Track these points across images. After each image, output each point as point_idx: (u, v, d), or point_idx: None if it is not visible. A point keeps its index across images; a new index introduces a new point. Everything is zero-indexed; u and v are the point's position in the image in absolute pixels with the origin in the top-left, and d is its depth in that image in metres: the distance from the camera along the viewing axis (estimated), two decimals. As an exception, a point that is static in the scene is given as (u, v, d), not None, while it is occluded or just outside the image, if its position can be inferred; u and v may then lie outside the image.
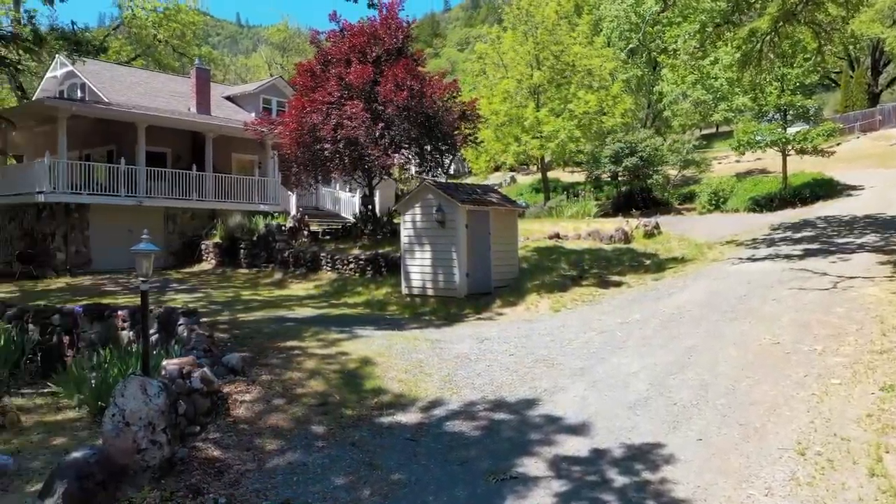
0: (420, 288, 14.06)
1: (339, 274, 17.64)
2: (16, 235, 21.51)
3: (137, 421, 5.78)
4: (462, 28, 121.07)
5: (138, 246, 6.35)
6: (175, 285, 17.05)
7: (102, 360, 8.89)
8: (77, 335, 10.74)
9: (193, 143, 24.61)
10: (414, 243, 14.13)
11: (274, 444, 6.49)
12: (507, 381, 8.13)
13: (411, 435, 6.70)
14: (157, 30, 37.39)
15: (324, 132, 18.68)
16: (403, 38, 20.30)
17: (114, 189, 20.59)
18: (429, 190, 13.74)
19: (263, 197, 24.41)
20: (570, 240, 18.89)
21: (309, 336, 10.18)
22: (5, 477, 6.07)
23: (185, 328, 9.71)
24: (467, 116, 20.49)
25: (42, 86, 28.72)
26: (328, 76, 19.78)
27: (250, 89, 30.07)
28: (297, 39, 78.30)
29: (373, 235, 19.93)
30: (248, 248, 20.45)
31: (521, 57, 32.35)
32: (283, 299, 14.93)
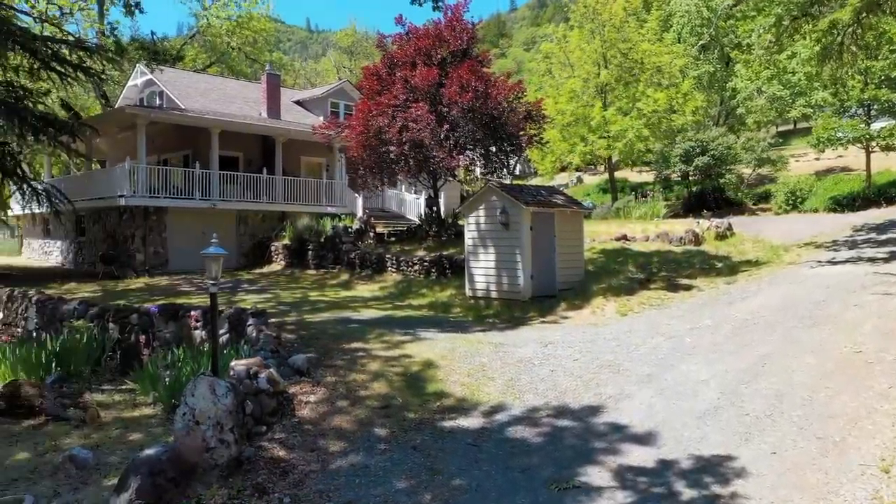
0: (484, 290, 14.02)
1: (403, 275, 17.77)
2: (99, 237, 22.58)
3: (206, 420, 5.94)
4: (528, 27, 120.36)
5: (207, 249, 6.53)
6: (246, 286, 17.53)
7: (176, 358, 9.21)
8: (153, 334, 11.17)
9: (264, 146, 25.28)
10: (478, 245, 14.09)
11: (337, 445, 6.56)
12: (570, 387, 7.99)
13: (473, 440, 6.66)
14: (231, 37, 38.60)
15: (389, 135, 18.87)
16: (468, 40, 20.31)
17: (189, 192, 21.35)
18: (493, 192, 13.68)
19: (331, 199, 24.86)
20: (637, 241, 18.49)
21: (373, 338, 10.27)
22: (85, 471, 6.35)
23: (254, 328, 9.95)
24: (533, 117, 20.35)
25: (124, 94, 30.07)
26: (394, 79, 19.98)
27: (318, 93, 30.67)
28: (364, 43, 79.48)
29: (437, 237, 20.01)
30: (315, 249, 20.85)
31: (587, 55, 31.90)
32: (349, 300, 15.14)
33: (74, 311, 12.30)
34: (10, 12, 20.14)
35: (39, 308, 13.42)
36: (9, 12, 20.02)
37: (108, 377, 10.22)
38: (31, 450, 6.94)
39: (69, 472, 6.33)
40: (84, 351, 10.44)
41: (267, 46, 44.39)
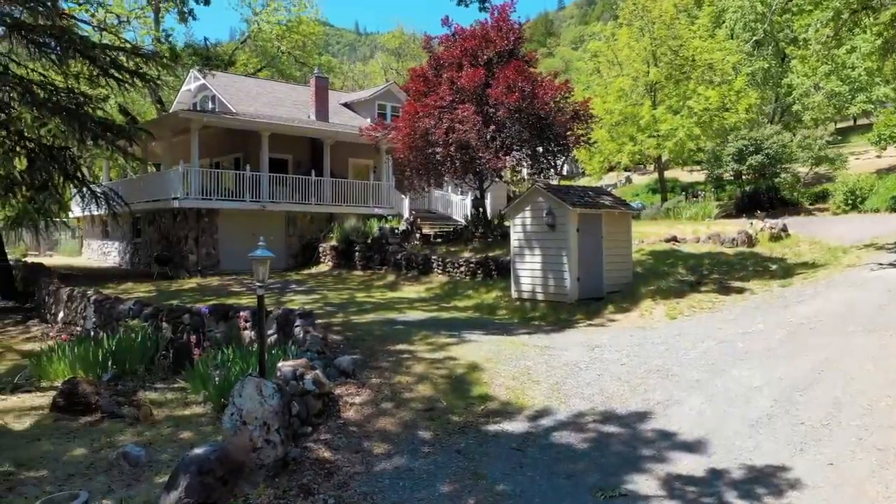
0: (530, 292, 13.91)
1: (449, 277, 17.78)
2: (154, 238, 23.23)
3: (254, 420, 6.03)
4: (576, 26, 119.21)
5: (255, 252, 6.63)
6: (294, 286, 17.79)
7: (226, 358, 9.37)
8: (204, 334, 11.40)
9: (313, 149, 25.64)
10: (524, 247, 14.00)
11: (382, 447, 6.59)
12: (617, 392, 7.86)
13: (517, 445, 6.60)
14: (281, 42, 39.30)
15: (436, 136, 18.91)
16: (515, 40, 20.21)
17: (240, 194, 21.80)
18: (539, 193, 13.57)
19: (378, 200, 25.05)
20: (688, 243, 18.10)
21: (418, 340, 10.29)
22: (138, 468, 6.51)
23: (301, 329, 10.07)
24: (580, 116, 20.12)
25: (178, 98, 30.91)
26: (440, 80, 20.02)
27: (366, 96, 30.95)
28: (411, 45, 79.92)
29: (483, 238, 19.96)
30: (362, 250, 21.04)
31: (636, 54, 31.41)
32: (395, 301, 15.21)
33: (130, 311, 12.67)
34: (71, 22, 20.89)
35: (97, 307, 13.86)
36: (70, 22, 20.76)
37: (161, 375, 10.47)
38: (88, 446, 7.15)
39: (123, 468, 6.50)
40: (138, 350, 10.71)
41: (316, 50, 45.06)
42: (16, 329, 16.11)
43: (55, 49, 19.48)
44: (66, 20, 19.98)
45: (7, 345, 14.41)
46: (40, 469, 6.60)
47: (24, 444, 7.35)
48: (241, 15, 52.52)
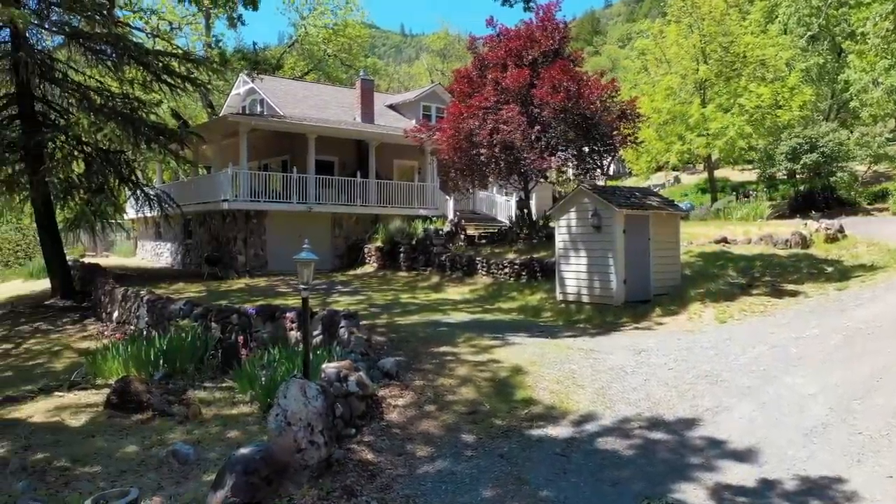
0: (575, 294, 13.76)
1: (493, 278, 17.72)
2: (205, 239, 23.77)
3: (298, 422, 6.09)
4: (623, 24, 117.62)
5: (299, 255, 6.71)
6: (339, 287, 17.96)
7: (272, 358, 9.51)
8: (251, 334, 11.60)
9: (358, 150, 25.88)
10: (569, 248, 13.85)
11: (424, 450, 6.58)
12: (664, 398, 7.70)
13: (561, 450, 6.52)
14: (327, 45, 39.79)
15: (480, 137, 18.88)
16: (560, 40, 20.05)
17: (287, 196, 22.14)
18: (584, 194, 13.42)
19: (422, 202, 25.15)
20: (738, 244, 17.66)
21: (462, 342, 10.27)
22: (186, 465, 6.64)
23: (346, 330, 10.16)
24: (627, 116, 19.84)
25: (228, 102, 31.57)
26: (484, 81, 19.99)
27: (410, 97, 31.10)
28: (456, 46, 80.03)
29: (528, 239, 19.84)
30: (407, 251, 21.14)
31: (685, 51, 30.80)
32: (439, 303, 15.22)
33: (180, 311, 12.97)
34: (126, 29, 21.52)
35: (150, 307, 14.23)
36: (125, 29, 21.40)
37: (210, 375, 10.67)
38: (139, 443, 7.33)
39: (172, 466, 6.63)
40: (189, 349, 10.95)
41: (361, 52, 45.50)
42: (73, 328, 16.66)
43: (111, 56, 20.12)
44: (121, 28, 20.58)
45: (65, 343, 14.92)
46: (94, 465, 6.79)
47: (80, 440, 7.57)
48: (288, 19, 53.60)
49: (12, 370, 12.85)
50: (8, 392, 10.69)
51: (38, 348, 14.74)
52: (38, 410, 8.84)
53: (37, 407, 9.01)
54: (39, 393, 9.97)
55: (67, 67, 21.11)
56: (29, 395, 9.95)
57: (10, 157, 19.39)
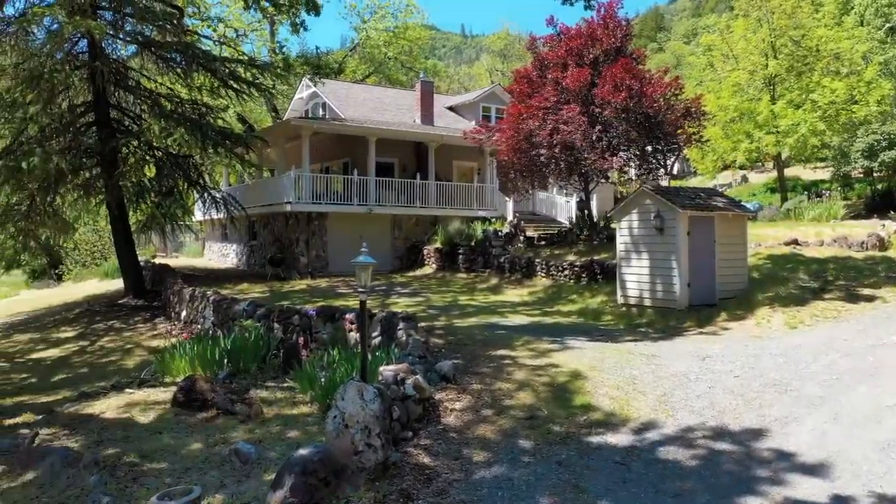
0: (636, 297, 13.47)
1: (553, 280, 17.53)
2: (269, 241, 24.34)
3: (355, 424, 6.14)
4: (688, 19, 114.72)
5: (357, 259, 6.77)
6: (399, 289, 18.09)
7: (331, 360, 9.64)
8: (312, 335, 11.79)
9: (418, 152, 26.04)
10: (630, 251, 13.57)
11: (481, 455, 6.54)
12: (730, 407, 7.44)
13: (621, 458, 6.37)
14: (388, 48, 40.21)
15: (539, 138, 18.72)
16: (622, 37, 19.69)
17: (348, 198, 22.46)
18: (646, 195, 13.12)
19: (481, 203, 25.10)
20: (810, 246, 16.96)
21: (520, 345, 10.18)
22: (248, 464, 6.78)
23: (404, 333, 10.21)
24: (692, 114, 19.33)
25: (291, 106, 32.25)
26: (544, 81, 19.81)
27: (470, 98, 31.10)
28: (516, 45, 79.68)
29: (589, 241, 19.55)
30: (466, 253, 21.12)
31: (753, 46, 29.80)
32: (498, 305, 15.15)
33: (244, 312, 13.30)
34: (195, 37, 22.26)
35: (215, 307, 14.65)
36: (194, 37, 22.13)
37: (272, 374, 10.88)
38: (203, 441, 7.52)
39: (234, 464, 6.78)
40: (252, 349, 11.21)
41: (422, 54, 45.80)
42: (144, 326, 17.32)
43: (180, 63, 20.84)
44: (190, 36, 21.29)
45: (136, 341, 15.52)
46: (161, 462, 7.00)
47: (148, 436, 7.83)
48: (350, 23, 54.34)
49: (88, 367, 13.44)
50: (83, 388, 11.18)
51: (111, 346, 15.38)
52: (110, 407, 9.19)
53: (109, 403, 9.37)
54: (112, 390, 10.39)
55: (140, 75, 21.98)
56: (102, 391, 10.37)
57: (87, 162, 20.31)
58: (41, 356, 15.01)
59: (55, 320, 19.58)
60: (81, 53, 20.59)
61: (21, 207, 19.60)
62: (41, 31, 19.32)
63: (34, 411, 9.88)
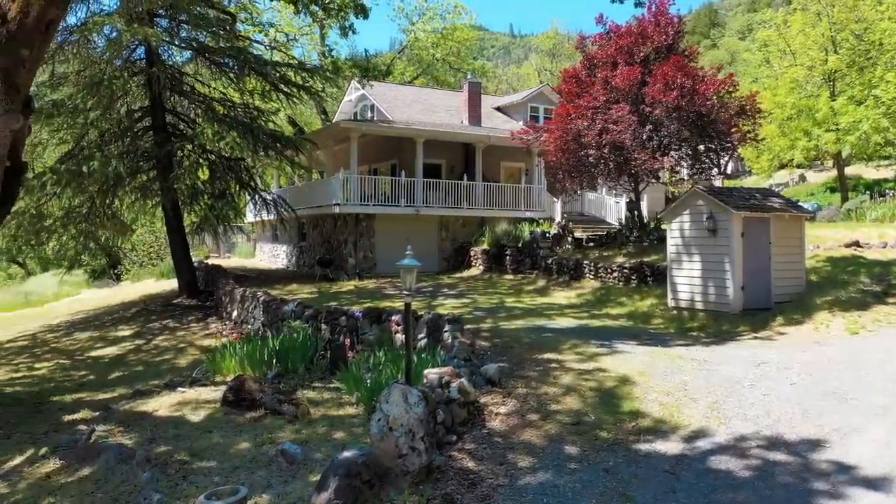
0: (688, 301, 13.14)
1: (601, 282, 17.26)
2: (318, 242, 24.65)
3: (399, 427, 6.13)
4: (743, 14, 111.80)
5: (402, 261, 6.76)
6: (445, 290, 18.08)
7: (377, 361, 9.68)
8: (358, 336, 11.87)
9: (465, 153, 26.01)
10: (681, 253, 13.25)
11: (526, 460, 6.45)
12: (786, 415, 7.17)
13: (670, 467, 6.20)
14: (436, 49, 40.30)
15: (588, 137, 18.49)
16: (674, 35, 19.31)
17: (395, 200, 22.57)
18: (698, 196, 12.78)
19: (529, 204, 24.92)
20: (873, 248, 16.28)
21: (567, 348, 10.04)
22: (294, 465, 6.85)
23: (450, 335, 10.19)
24: (746, 112, 18.80)
25: (340, 109, 32.61)
26: (593, 80, 19.54)
27: (517, 99, 30.92)
28: (566, 45, 79.00)
29: (639, 242, 19.20)
30: (513, 254, 20.98)
31: (812, 41, 28.85)
32: (545, 308, 15.00)
33: (292, 312, 13.48)
34: (246, 42, 22.70)
35: (265, 308, 14.88)
36: (245, 42, 22.57)
37: (319, 375, 10.98)
38: (251, 441, 7.63)
39: (280, 465, 6.86)
40: (299, 350, 11.34)
41: (470, 55, 45.74)
42: (197, 325, 17.72)
43: (233, 68, 21.29)
44: (242, 41, 21.71)
45: (189, 340, 15.88)
46: (210, 460, 7.13)
47: (198, 435, 7.98)
48: (398, 26, 54.76)
49: (143, 365, 13.82)
50: (138, 386, 11.50)
51: (165, 344, 15.78)
52: (163, 405, 9.42)
53: (162, 401, 9.60)
54: (165, 388, 10.66)
55: (194, 80, 22.53)
56: (156, 389, 10.65)
57: (143, 165, 20.92)
58: (99, 354, 15.49)
59: (113, 319, 20.21)
60: (139, 60, 21.21)
61: (82, 209, 20.29)
62: (101, 38, 19.95)
63: (92, 408, 10.21)
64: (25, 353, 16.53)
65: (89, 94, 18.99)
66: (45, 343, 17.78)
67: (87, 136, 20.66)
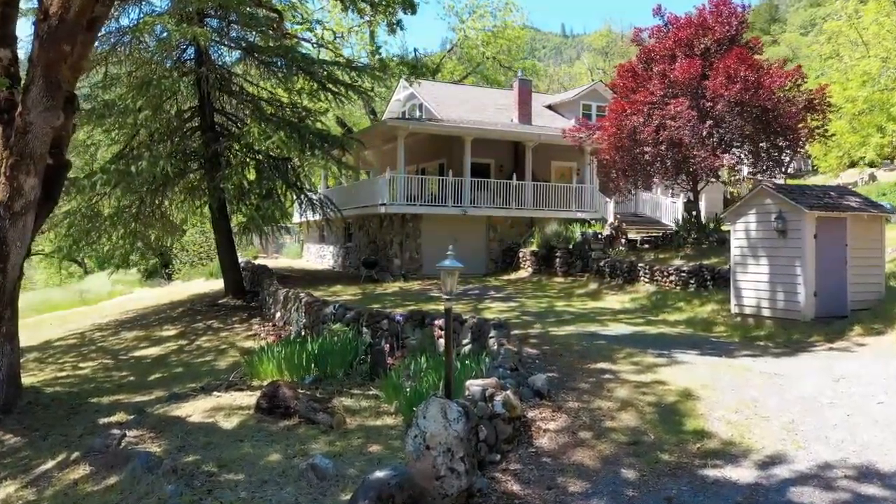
0: (753, 307, 12.20)
1: (657, 286, 16.37)
2: (364, 242, 24.30)
3: (437, 445, 5.57)
4: (806, 9, 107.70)
5: (443, 262, 6.20)
6: (492, 293, 17.47)
7: (419, 368, 9.16)
8: (400, 341, 11.37)
9: (515, 152, 25.32)
10: (746, 255, 12.32)
11: (577, 485, 5.81)
12: (876, 440, 6.34)
13: (743, 498, 5.45)
14: (486, 47, 39.64)
15: (644, 135, 17.64)
16: (737, 25, 18.29)
17: (442, 200, 22.01)
18: (766, 194, 11.85)
19: (580, 204, 24.05)
20: (958, 252, 15.01)
21: (622, 358, 9.32)
22: (325, 481, 6.35)
23: (496, 341, 9.59)
24: (815, 106, 17.65)
25: (388, 108, 32.28)
26: (650, 75, 18.66)
27: (569, 96, 30.06)
28: (619, 43, 77.92)
29: (697, 244, 18.22)
30: (563, 256, 20.20)
31: (887, 31, 27.18)
32: (597, 312, 14.24)
33: (333, 315, 13.07)
34: (294, 41, 22.49)
35: (307, 309, 14.54)
36: (293, 41, 22.36)
37: (359, 381, 10.50)
38: (282, 452, 7.18)
39: (311, 480, 6.37)
40: (339, 354, 10.90)
41: (520, 54, 44.93)
42: (241, 326, 17.52)
43: (281, 67, 21.11)
44: (290, 39, 21.52)
45: (231, 341, 15.65)
46: (238, 472, 6.70)
47: (229, 443, 7.58)
48: (448, 24, 54.24)
49: (183, 367, 13.61)
50: (175, 389, 11.24)
51: (207, 345, 15.60)
52: (197, 410, 9.06)
53: (196, 406, 9.25)
54: (200, 392, 10.33)
55: (243, 80, 22.46)
56: (192, 393, 10.33)
57: (192, 165, 20.91)
58: (142, 354, 15.40)
59: (160, 318, 20.23)
60: (189, 60, 21.21)
61: (131, 209, 20.37)
62: (152, 39, 20.00)
63: (127, 411, 9.96)
64: (73, 351, 16.59)
65: (139, 95, 19.01)
66: (93, 342, 17.84)
67: (138, 136, 20.75)
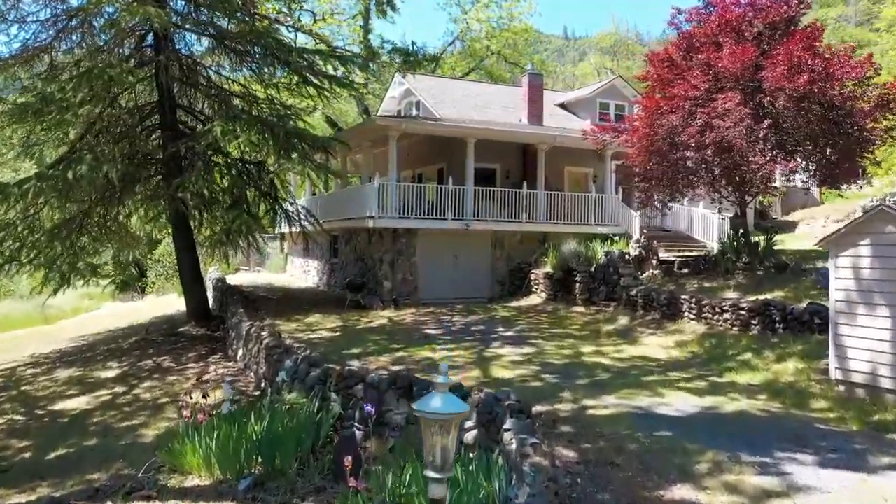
0: (866, 375, 8.81)
1: (707, 325, 13.19)
2: (350, 259, 21.12)
3: None
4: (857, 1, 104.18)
5: (426, 405, 3.04)
6: (500, 329, 14.31)
7: (397, 486, 6.02)
8: (379, 413, 8.18)
9: (524, 156, 22.19)
10: (855, 301, 9.00)
11: None
12: None
13: None
14: (490, 41, 36.45)
15: (685, 136, 14.52)
16: (797, 4, 15.15)
17: (441, 212, 18.83)
18: (889, 219, 8.59)
19: (600, 217, 20.81)
20: None
21: (706, 472, 6.15)
22: None
23: (515, 440, 6.42)
24: (889, 104, 14.56)
25: (383, 106, 29.04)
26: (690, 65, 15.53)
27: (585, 93, 26.91)
28: (627, 43, 75.57)
29: (749, 270, 15.07)
30: (584, 280, 17.05)
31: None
32: (639, 365, 11.07)
33: (294, 373, 9.88)
34: (266, 23, 19.26)
35: (266, 356, 11.40)
36: (265, 23, 19.13)
37: (317, 481, 7.33)
38: None
39: None
40: (293, 439, 7.74)
41: (527, 49, 41.79)
42: (196, 366, 14.36)
43: (255, 56, 18.07)
44: (262, 21, 18.39)
45: (176, 391, 12.47)
46: None
47: None
48: (449, 14, 51.05)
49: (99, 436, 10.45)
50: (69, 482, 8.14)
51: (146, 396, 12.46)
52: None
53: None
54: (86, 501, 7.19)
55: (213, 72, 19.36)
56: (74, 502, 7.18)
57: (145, 172, 17.79)
58: (64, 407, 12.27)
59: (108, 350, 17.11)
60: (148, 48, 18.12)
61: (75, 221, 17.27)
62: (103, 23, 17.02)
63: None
64: (-16, 399, 13.45)
65: (79, 87, 15.86)
66: (18, 383, 14.69)
67: (86, 137, 17.61)
